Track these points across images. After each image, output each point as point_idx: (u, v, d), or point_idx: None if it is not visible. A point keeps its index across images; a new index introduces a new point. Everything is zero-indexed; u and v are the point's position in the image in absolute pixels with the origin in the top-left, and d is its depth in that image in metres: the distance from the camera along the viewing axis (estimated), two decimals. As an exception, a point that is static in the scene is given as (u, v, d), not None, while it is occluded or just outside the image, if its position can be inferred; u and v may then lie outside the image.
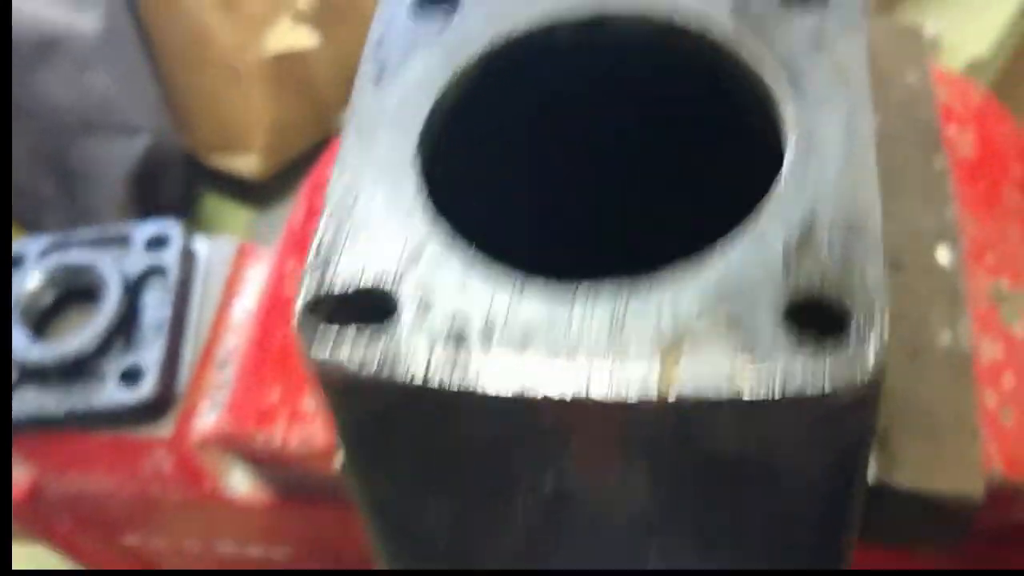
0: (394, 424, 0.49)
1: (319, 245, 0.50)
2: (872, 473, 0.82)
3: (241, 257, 1.23)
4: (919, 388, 0.86)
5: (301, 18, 1.84)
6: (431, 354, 0.46)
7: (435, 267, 0.48)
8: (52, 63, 1.59)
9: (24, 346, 1.13)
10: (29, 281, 1.18)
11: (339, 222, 0.50)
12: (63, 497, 1.24)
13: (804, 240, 0.46)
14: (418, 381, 0.46)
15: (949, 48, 2.08)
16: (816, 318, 0.45)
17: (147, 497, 1.20)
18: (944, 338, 0.89)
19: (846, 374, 0.43)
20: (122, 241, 1.25)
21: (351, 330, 0.48)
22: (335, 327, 0.48)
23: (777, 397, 0.43)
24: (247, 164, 1.95)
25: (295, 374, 0.99)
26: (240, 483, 1.17)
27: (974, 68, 2.00)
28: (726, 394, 0.43)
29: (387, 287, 0.48)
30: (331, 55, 1.88)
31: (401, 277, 0.48)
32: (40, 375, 1.13)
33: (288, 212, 1.86)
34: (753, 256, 0.46)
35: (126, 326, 1.17)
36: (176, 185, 1.93)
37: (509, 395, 0.45)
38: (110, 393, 1.13)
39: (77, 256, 1.20)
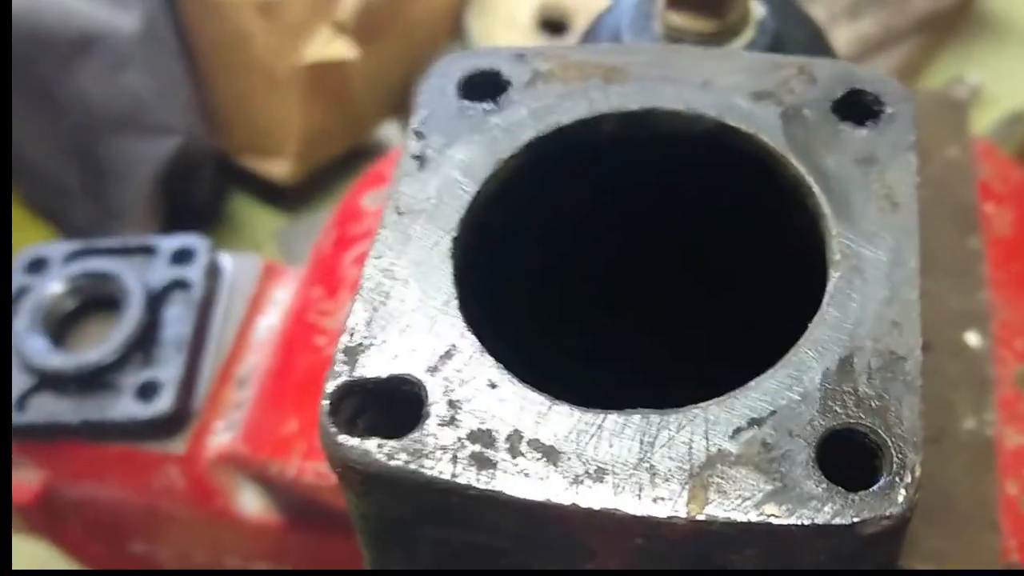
0: (416, 518, 0.48)
1: (351, 333, 0.50)
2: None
3: (267, 276, 1.23)
4: (940, 473, 0.85)
5: (341, 29, 1.84)
6: (458, 454, 0.46)
7: (466, 369, 0.48)
8: (88, 59, 1.59)
9: (43, 352, 1.14)
10: (52, 287, 1.19)
11: (372, 310, 0.50)
12: (73, 503, 1.24)
13: (842, 373, 0.46)
14: (444, 479, 0.45)
15: (990, 99, 2.07)
16: (850, 453, 0.45)
17: (156, 510, 1.21)
18: (968, 423, 0.88)
19: (875, 511, 0.43)
20: (148, 252, 1.25)
21: (377, 423, 0.47)
22: (361, 420, 0.48)
23: (805, 527, 0.43)
24: (278, 168, 1.95)
25: (316, 407, 0.99)
26: (250, 503, 1.16)
27: (1016, 119, 1.99)
28: (754, 521, 0.43)
29: (416, 384, 0.48)
30: (368, 67, 1.88)
31: (431, 375, 0.48)
32: (57, 382, 1.14)
33: (317, 219, 1.86)
34: (790, 385, 0.46)
35: (146, 339, 1.17)
36: (205, 187, 1.93)
37: (536, 501, 0.44)
38: (126, 406, 1.14)
39: (101, 264, 1.20)
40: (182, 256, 1.24)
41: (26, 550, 1.38)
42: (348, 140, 2.03)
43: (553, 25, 2.02)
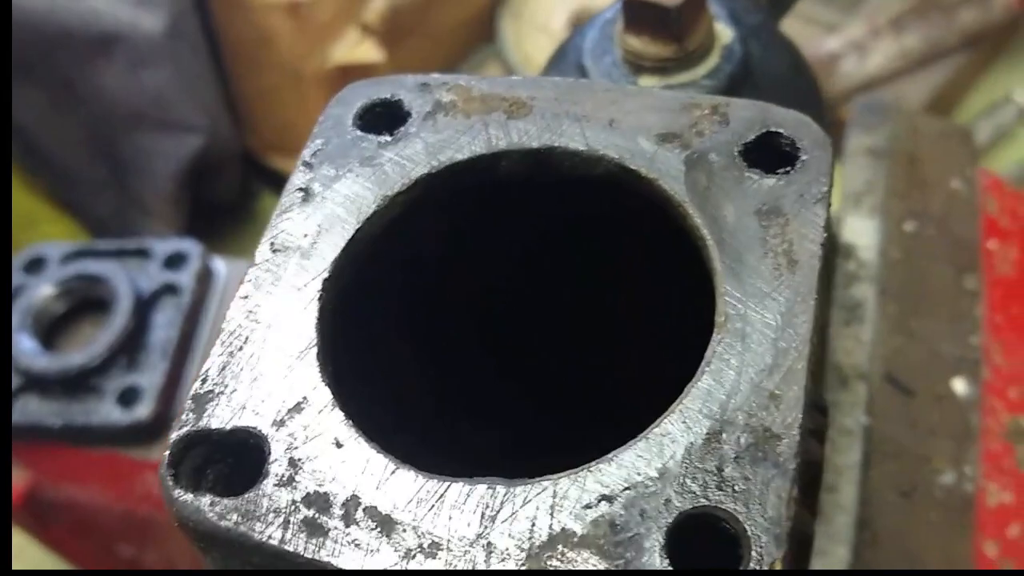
0: (255, 569, 0.46)
1: (203, 379, 0.47)
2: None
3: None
4: (910, 532, 0.80)
5: (368, 31, 1.83)
6: (291, 518, 0.43)
7: (313, 424, 0.45)
8: (111, 58, 1.60)
9: (31, 354, 1.14)
10: (44, 289, 1.19)
11: (229, 355, 0.48)
12: (59, 504, 1.24)
13: (708, 449, 0.42)
14: (273, 545, 0.43)
15: (1041, 119, 1.98)
16: (706, 540, 0.41)
17: (138, 516, 1.20)
18: (946, 478, 0.83)
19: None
20: (142, 254, 1.25)
21: (214, 479, 0.45)
22: (210, 470, 0.46)
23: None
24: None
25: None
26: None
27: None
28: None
29: (260, 438, 0.45)
30: (394, 70, 1.85)
31: (277, 429, 0.45)
32: (43, 384, 1.14)
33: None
34: (650, 460, 0.42)
35: (132, 344, 1.16)
36: (231, 184, 1.93)
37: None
38: (107, 411, 1.13)
39: (94, 267, 1.20)
40: (175, 260, 1.24)
41: (27, 551, 1.39)
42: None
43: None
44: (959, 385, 0.87)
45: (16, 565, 1.60)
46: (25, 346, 1.16)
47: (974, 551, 0.80)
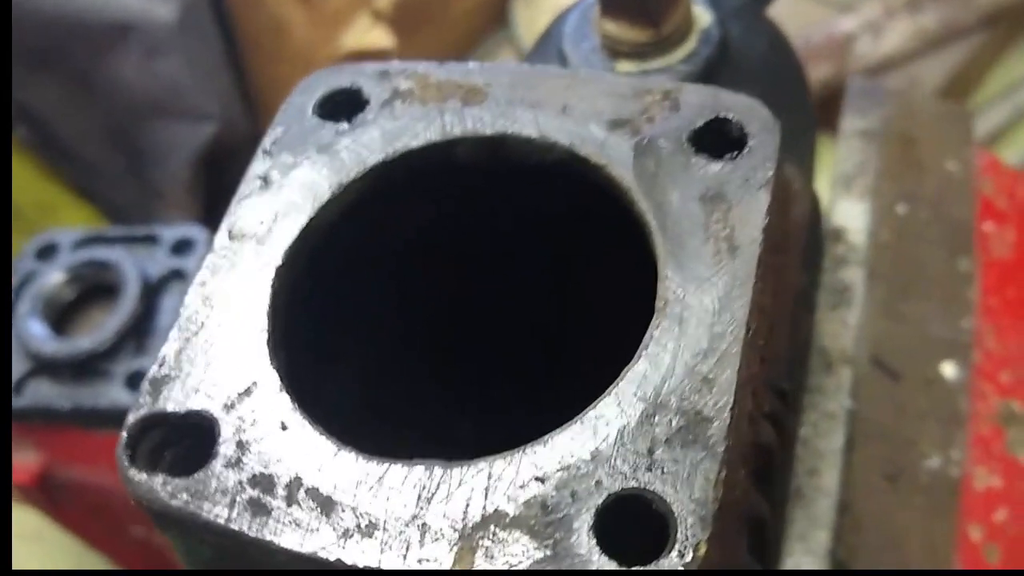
0: (214, 549, 0.47)
1: (160, 364, 0.48)
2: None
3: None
4: (893, 516, 0.80)
5: (380, 18, 1.83)
6: (237, 498, 0.44)
7: (261, 408, 0.46)
8: (125, 47, 1.62)
9: (42, 339, 1.16)
10: (54, 275, 1.21)
11: (185, 340, 0.49)
12: (71, 485, 1.27)
13: (640, 432, 0.43)
14: (220, 523, 0.44)
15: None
16: (636, 521, 0.41)
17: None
18: (932, 462, 0.83)
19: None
20: (151, 241, 1.27)
21: (167, 460, 0.46)
22: (168, 453, 0.47)
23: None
24: (319, 155, 1.95)
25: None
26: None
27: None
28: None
29: (211, 421, 0.46)
30: (406, 57, 1.86)
31: (227, 412, 0.46)
32: (53, 368, 1.16)
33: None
34: (583, 442, 0.43)
35: (140, 329, 1.18)
36: (244, 170, 1.95)
37: (303, 553, 0.43)
38: (115, 394, 1.15)
39: (103, 253, 1.22)
40: (182, 246, 1.26)
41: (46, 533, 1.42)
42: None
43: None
44: (948, 369, 0.87)
45: (36, 547, 1.63)
46: (35, 331, 1.18)
47: (958, 535, 0.80)
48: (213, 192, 1.89)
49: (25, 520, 1.28)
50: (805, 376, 0.82)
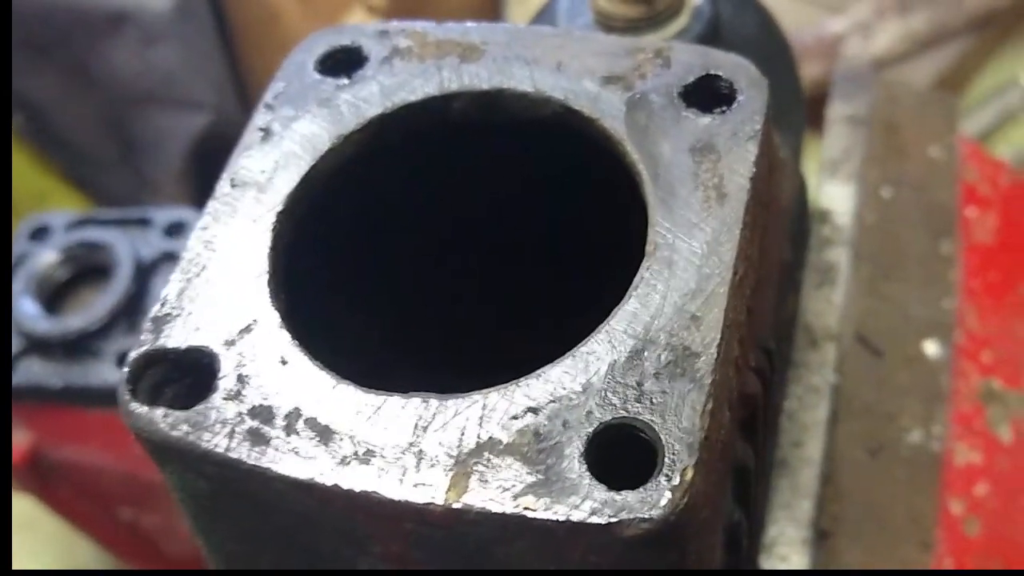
0: (212, 484, 0.48)
1: (162, 303, 0.50)
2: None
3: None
4: (875, 488, 0.81)
5: (374, 11, 1.85)
6: (236, 428, 0.45)
7: (261, 344, 0.47)
8: (120, 35, 1.63)
9: (33, 318, 1.17)
10: (47, 255, 1.22)
11: (187, 281, 0.50)
12: (61, 465, 1.27)
13: (630, 366, 0.44)
14: (219, 453, 0.45)
15: (1046, 103, 1.97)
16: (625, 450, 0.43)
17: (138, 476, 1.23)
18: (913, 436, 0.84)
19: (634, 512, 0.41)
20: (144, 223, 1.28)
21: (167, 396, 0.47)
22: (169, 389, 0.48)
23: (560, 523, 0.41)
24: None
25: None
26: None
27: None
28: (510, 513, 0.42)
29: (211, 356, 0.47)
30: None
31: (227, 348, 0.48)
32: (44, 347, 1.17)
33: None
34: (575, 375, 0.44)
35: (132, 309, 1.19)
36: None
37: (301, 480, 0.44)
38: (107, 373, 1.16)
39: (96, 235, 1.23)
40: (175, 229, 1.27)
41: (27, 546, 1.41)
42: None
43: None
44: (930, 347, 0.88)
45: (28, 535, 1.63)
46: (28, 310, 1.19)
47: (939, 508, 0.81)
48: (206, 183, 1.90)
49: (16, 508, 1.28)
50: (791, 351, 0.83)
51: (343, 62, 0.57)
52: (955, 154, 0.99)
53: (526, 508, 0.41)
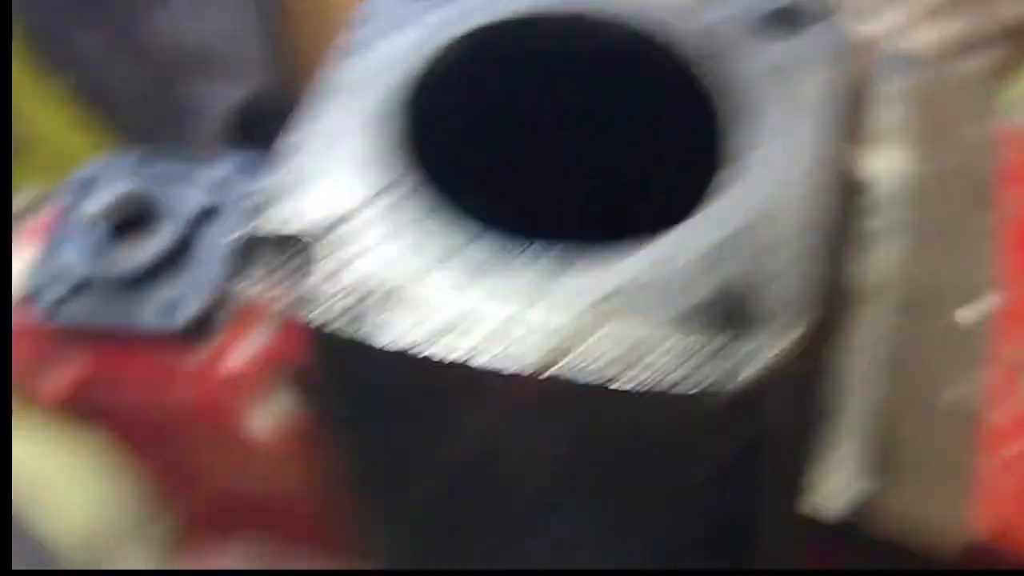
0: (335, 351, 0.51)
1: (265, 190, 0.53)
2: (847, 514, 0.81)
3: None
4: (912, 437, 0.84)
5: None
6: (335, 305, 0.48)
7: (364, 228, 0.50)
8: (167, 2, 1.66)
9: (77, 262, 1.19)
10: (93, 205, 1.24)
11: (289, 171, 0.53)
12: (104, 408, 1.29)
13: (735, 240, 0.47)
14: (325, 324, 0.48)
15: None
16: (727, 316, 0.46)
17: (168, 422, 1.25)
18: (949, 394, 0.87)
19: (730, 372, 0.44)
20: (190, 177, 1.30)
21: (279, 267, 0.50)
22: (266, 261, 0.51)
23: (667, 384, 0.44)
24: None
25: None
26: (263, 423, 1.19)
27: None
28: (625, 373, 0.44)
29: (313, 238, 0.50)
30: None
31: (330, 231, 0.51)
32: (87, 289, 1.19)
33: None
34: (684, 246, 0.47)
35: (177, 258, 1.22)
36: (280, 131, 1.98)
37: (398, 348, 0.47)
38: (149, 317, 1.19)
39: (144, 186, 1.25)
40: (222, 184, 1.29)
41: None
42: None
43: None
44: (967, 312, 0.91)
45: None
46: (72, 255, 1.21)
47: (976, 462, 0.84)
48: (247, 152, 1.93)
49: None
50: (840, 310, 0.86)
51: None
52: (993, 130, 1.02)
53: (637, 367, 0.44)
